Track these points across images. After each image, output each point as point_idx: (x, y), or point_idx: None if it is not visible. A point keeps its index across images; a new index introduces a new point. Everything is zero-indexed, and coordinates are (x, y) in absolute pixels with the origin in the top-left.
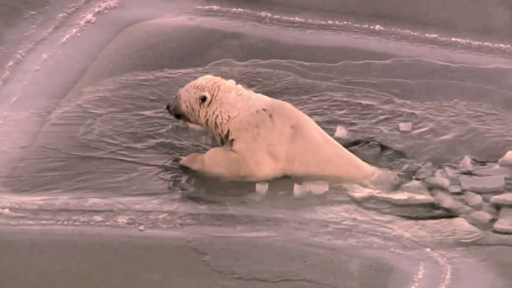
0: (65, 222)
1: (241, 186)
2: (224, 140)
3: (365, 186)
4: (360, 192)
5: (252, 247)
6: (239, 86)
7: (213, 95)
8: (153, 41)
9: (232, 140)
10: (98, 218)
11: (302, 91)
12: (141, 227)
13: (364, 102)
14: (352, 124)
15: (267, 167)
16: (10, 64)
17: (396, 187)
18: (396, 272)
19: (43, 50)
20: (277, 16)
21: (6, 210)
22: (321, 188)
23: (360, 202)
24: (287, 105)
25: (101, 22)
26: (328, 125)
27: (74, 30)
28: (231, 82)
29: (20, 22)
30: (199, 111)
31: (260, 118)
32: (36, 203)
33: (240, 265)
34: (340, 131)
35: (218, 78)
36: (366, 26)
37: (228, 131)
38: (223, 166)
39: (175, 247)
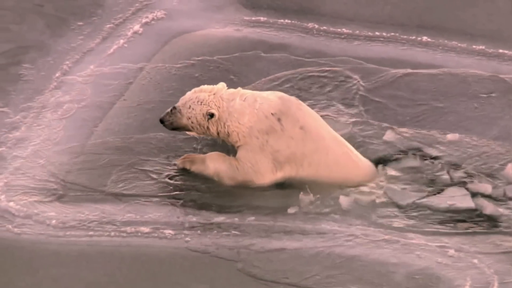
0: (112, 233)
1: (286, 196)
2: (235, 145)
3: (407, 191)
4: (404, 199)
5: (299, 258)
6: (239, 89)
7: (219, 107)
8: (200, 52)
9: (239, 145)
10: (145, 229)
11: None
12: (187, 238)
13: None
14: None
15: (267, 177)
16: (57, 75)
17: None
18: (443, 283)
19: (90, 61)
20: (324, 27)
21: (53, 221)
22: (369, 198)
23: (405, 209)
24: (294, 102)
25: (149, 33)
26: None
27: (122, 41)
28: (222, 85)
29: (68, 33)
30: (207, 126)
31: (269, 124)
32: (84, 214)
33: (287, 276)
34: (389, 135)
35: (213, 87)
36: (413, 37)
37: (238, 139)
38: (223, 170)
39: (222, 258)
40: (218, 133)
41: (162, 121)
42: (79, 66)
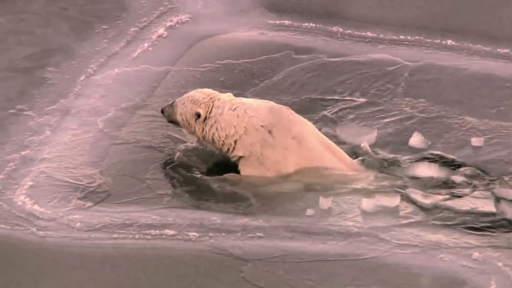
0: (137, 236)
1: (308, 199)
2: (226, 154)
3: (430, 193)
4: (427, 201)
5: (322, 260)
6: (234, 98)
7: (207, 111)
8: (225, 56)
9: (236, 161)
10: (169, 232)
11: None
12: (212, 241)
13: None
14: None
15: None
16: (81, 78)
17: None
18: (467, 286)
19: (114, 65)
20: (349, 31)
21: (78, 224)
22: (392, 200)
23: (428, 211)
24: (285, 112)
25: (173, 37)
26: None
27: (146, 44)
28: (228, 96)
29: (92, 36)
30: (195, 126)
31: (260, 137)
32: (108, 217)
33: (312, 278)
34: (415, 138)
35: (215, 93)
36: (438, 41)
37: (228, 149)
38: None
39: (247, 260)
40: (203, 137)
41: (162, 111)
42: (104, 69)
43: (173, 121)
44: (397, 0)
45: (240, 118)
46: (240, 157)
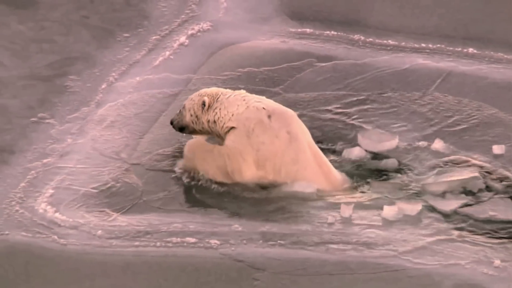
0: (158, 244)
1: (328, 208)
2: (223, 137)
3: (450, 200)
4: (447, 207)
5: (344, 268)
6: (244, 91)
7: (214, 98)
8: (246, 64)
9: (226, 133)
10: (191, 239)
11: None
12: (233, 249)
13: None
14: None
15: (252, 167)
16: (103, 86)
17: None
18: None
19: (136, 73)
20: (370, 39)
21: (99, 232)
22: (414, 208)
23: (449, 218)
24: (290, 112)
25: (195, 45)
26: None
27: (167, 52)
28: (240, 91)
29: (114, 44)
30: (202, 118)
31: (258, 116)
32: (129, 224)
33: (332, 286)
34: (438, 144)
35: (224, 89)
36: (459, 49)
37: (223, 125)
38: (209, 161)
39: (268, 267)
40: (209, 126)
41: (171, 122)
42: (125, 77)
43: (183, 127)
44: (418, 8)
45: (245, 100)
46: (231, 128)
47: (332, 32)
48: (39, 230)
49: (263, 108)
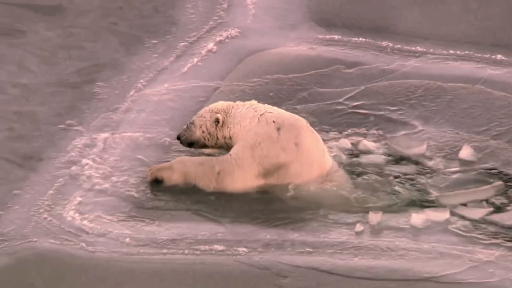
0: (186, 251)
1: (356, 215)
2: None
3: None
4: (475, 215)
5: (372, 276)
6: (255, 102)
7: (226, 113)
8: (274, 70)
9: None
10: (219, 247)
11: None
12: (261, 256)
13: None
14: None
15: (247, 174)
16: (131, 93)
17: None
18: None
19: (164, 80)
20: (399, 46)
21: (127, 239)
22: (442, 215)
23: (476, 225)
24: (300, 122)
25: (223, 51)
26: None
27: (196, 59)
28: (250, 103)
29: (142, 51)
30: (216, 134)
31: (267, 130)
32: (157, 232)
33: None
34: (465, 150)
35: (233, 103)
36: (488, 55)
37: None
38: (195, 164)
39: (295, 275)
40: (224, 141)
41: (178, 137)
42: (153, 84)
43: (192, 143)
44: (446, 15)
45: (257, 112)
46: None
47: (360, 39)
48: (67, 238)
49: (273, 121)
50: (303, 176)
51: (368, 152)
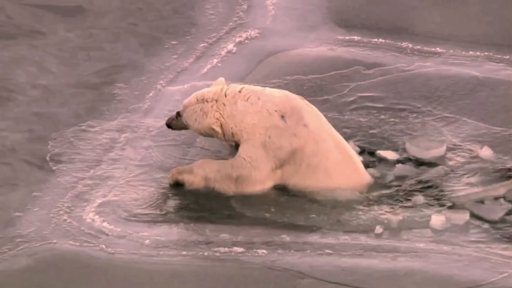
0: (206, 253)
1: (376, 216)
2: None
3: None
4: (493, 215)
5: (392, 277)
6: (243, 87)
7: (222, 114)
8: (294, 72)
9: (242, 141)
10: (238, 249)
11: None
12: (281, 258)
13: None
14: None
15: (265, 173)
16: (150, 94)
17: None
18: None
19: (184, 81)
20: (418, 47)
21: (147, 241)
22: (462, 217)
23: (496, 225)
24: (300, 101)
25: (242, 52)
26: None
27: (215, 60)
28: (221, 82)
29: (161, 52)
30: (217, 136)
31: (273, 122)
32: (177, 234)
33: None
34: (485, 151)
35: (217, 92)
36: (507, 56)
37: (242, 137)
38: (214, 170)
39: (315, 277)
40: (224, 135)
41: (169, 125)
42: (173, 85)
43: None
44: (466, 16)
45: (254, 105)
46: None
47: (380, 40)
48: (87, 239)
49: (275, 110)
50: (321, 153)
51: (384, 160)
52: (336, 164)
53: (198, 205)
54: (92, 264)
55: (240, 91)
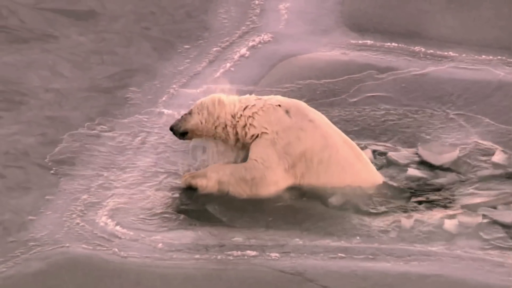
0: (219, 257)
1: (389, 220)
2: (238, 143)
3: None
4: (507, 217)
5: (405, 281)
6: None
7: (227, 112)
8: (307, 76)
9: (251, 138)
10: (251, 253)
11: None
12: (294, 261)
13: None
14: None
15: (278, 173)
16: (163, 98)
17: None
18: None
19: (196, 85)
20: (431, 51)
21: (160, 245)
22: (475, 220)
23: (509, 227)
24: (302, 103)
25: (255, 57)
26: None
27: (228, 64)
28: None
29: (174, 56)
30: (215, 120)
31: (278, 116)
32: (190, 238)
33: None
34: (498, 155)
35: (222, 100)
36: None
37: (245, 133)
38: (227, 174)
39: (328, 280)
40: (229, 134)
41: (171, 128)
42: (186, 89)
43: (185, 133)
44: (479, 20)
45: (257, 101)
46: (256, 137)
47: (393, 44)
48: (100, 243)
49: (279, 105)
50: (331, 147)
51: (396, 164)
52: (347, 158)
53: (210, 209)
54: (105, 268)
55: (240, 100)
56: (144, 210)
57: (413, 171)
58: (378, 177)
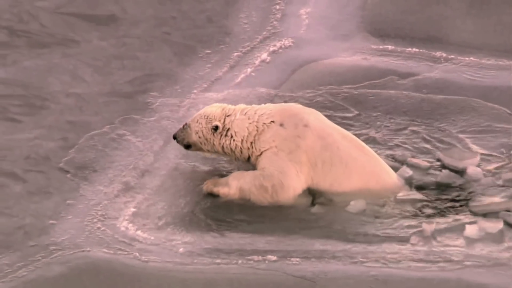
0: (240, 262)
1: (409, 225)
2: (248, 161)
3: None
4: None
5: (426, 285)
6: (246, 106)
7: (223, 122)
8: (327, 81)
9: (256, 158)
10: (272, 257)
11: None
12: (314, 266)
13: None
14: None
15: (294, 178)
16: (184, 103)
17: None
18: None
19: (217, 90)
20: (452, 56)
21: (181, 249)
22: (495, 226)
23: None
24: (296, 107)
25: (276, 62)
26: None
27: (249, 69)
28: (240, 106)
29: (195, 61)
30: (213, 140)
31: (273, 132)
32: (211, 242)
33: None
34: None
35: (225, 105)
36: None
37: (249, 156)
38: (247, 181)
39: (349, 285)
40: (223, 149)
41: (174, 137)
42: (207, 94)
43: (188, 145)
44: (500, 25)
45: (250, 119)
46: (258, 156)
47: (414, 49)
48: (121, 247)
49: (272, 122)
50: (330, 145)
51: (418, 167)
52: (350, 153)
53: (231, 214)
54: (126, 272)
55: (242, 108)
56: (165, 215)
57: (446, 174)
58: (386, 170)
